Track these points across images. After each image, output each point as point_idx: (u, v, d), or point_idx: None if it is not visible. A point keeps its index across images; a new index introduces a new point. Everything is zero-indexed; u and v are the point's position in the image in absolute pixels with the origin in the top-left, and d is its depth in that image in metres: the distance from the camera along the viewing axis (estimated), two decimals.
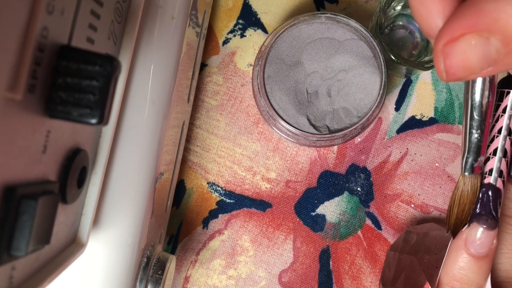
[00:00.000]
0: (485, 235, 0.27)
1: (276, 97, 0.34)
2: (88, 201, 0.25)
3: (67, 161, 0.21)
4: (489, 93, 0.25)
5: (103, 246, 0.28)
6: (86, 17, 0.20)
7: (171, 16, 0.29)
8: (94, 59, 0.18)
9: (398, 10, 0.39)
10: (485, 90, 0.25)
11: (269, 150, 0.40)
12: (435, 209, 0.39)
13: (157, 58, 0.29)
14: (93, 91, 0.18)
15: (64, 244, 0.23)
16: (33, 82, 0.16)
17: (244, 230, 0.40)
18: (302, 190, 0.40)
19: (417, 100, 0.40)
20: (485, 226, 0.27)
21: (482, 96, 0.25)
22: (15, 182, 0.16)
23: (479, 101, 0.25)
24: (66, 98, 0.18)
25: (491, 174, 0.28)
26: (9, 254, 0.16)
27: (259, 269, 0.39)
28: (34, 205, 0.16)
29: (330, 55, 0.34)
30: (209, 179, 0.40)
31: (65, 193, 0.21)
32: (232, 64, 0.41)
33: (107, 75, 0.18)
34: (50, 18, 0.17)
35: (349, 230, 0.39)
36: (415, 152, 0.39)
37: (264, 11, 0.41)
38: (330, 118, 0.34)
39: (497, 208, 0.27)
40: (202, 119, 0.40)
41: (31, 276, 0.19)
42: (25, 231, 0.16)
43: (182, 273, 0.40)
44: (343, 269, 0.39)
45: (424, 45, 0.39)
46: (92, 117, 0.18)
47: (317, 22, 0.35)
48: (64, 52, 0.18)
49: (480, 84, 0.25)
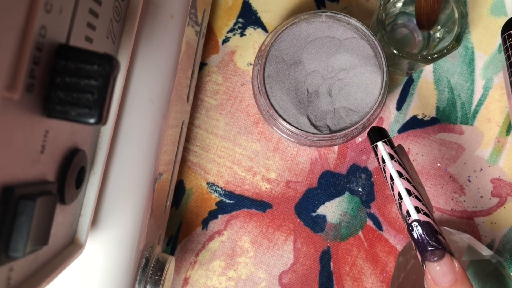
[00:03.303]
0: (442, 265, 0.27)
1: (276, 97, 0.34)
2: (87, 202, 0.24)
3: (65, 161, 0.21)
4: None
5: (101, 247, 0.27)
6: (84, 16, 0.20)
7: (170, 14, 0.29)
8: (93, 58, 0.18)
9: (399, 7, 0.38)
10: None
11: (269, 150, 0.40)
12: (437, 210, 0.39)
13: (156, 57, 0.29)
14: (92, 90, 0.17)
15: (62, 245, 0.23)
16: (31, 82, 0.16)
17: (244, 231, 0.39)
18: (303, 190, 0.40)
19: (419, 99, 0.40)
20: (435, 259, 0.27)
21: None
22: (13, 183, 0.16)
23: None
24: (65, 98, 0.17)
25: (410, 215, 0.28)
26: (7, 255, 0.16)
27: (259, 270, 0.39)
28: (32, 205, 0.16)
29: (331, 54, 0.34)
30: (208, 179, 0.40)
31: (63, 194, 0.21)
32: (232, 63, 0.40)
33: (106, 74, 0.18)
34: (48, 17, 0.17)
35: (350, 231, 0.39)
36: (416, 152, 0.39)
37: (264, 10, 0.41)
38: (331, 118, 0.34)
39: (436, 237, 0.27)
40: (202, 118, 0.40)
41: (29, 278, 0.19)
42: (23, 232, 0.16)
43: (181, 274, 0.39)
44: (344, 270, 0.39)
45: (425, 43, 0.39)
46: (90, 117, 0.18)
47: (318, 21, 0.34)
48: (62, 51, 0.18)
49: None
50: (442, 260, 0.27)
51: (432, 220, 0.28)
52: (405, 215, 0.29)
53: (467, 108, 0.39)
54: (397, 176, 0.29)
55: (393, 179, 0.29)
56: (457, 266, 0.27)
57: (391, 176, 0.29)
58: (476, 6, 0.40)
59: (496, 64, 0.40)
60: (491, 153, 0.39)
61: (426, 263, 0.28)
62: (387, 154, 0.30)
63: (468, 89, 0.40)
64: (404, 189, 0.29)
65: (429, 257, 0.27)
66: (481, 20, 0.40)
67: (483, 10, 0.40)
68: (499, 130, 0.39)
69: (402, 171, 0.29)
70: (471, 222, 0.39)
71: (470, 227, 0.39)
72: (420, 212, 0.28)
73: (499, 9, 0.40)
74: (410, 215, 0.28)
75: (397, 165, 0.29)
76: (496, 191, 0.39)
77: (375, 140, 0.30)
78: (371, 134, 0.30)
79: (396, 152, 0.30)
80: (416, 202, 0.28)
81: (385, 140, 0.30)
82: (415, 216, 0.28)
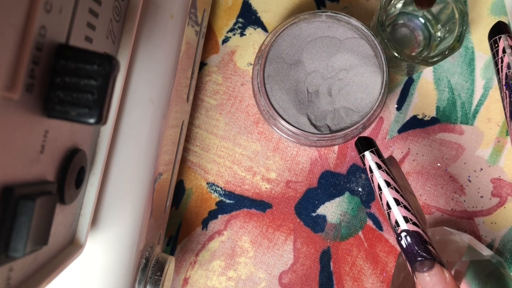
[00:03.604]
0: (432, 276, 0.27)
1: (276, 97, 0.34)
2: (86, 202, 0.24)
3: (65, 161, 0.21)
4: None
5: (101, 247, 0.27)
6: (84, 16, 0.20)
7: (170, 14, 0.29)
8: (93, 58, 0.18)
9: (399, 8, 0.38)
10: None
11: (269, 150, 0.40)
12: (437, 210, 0.39)
13: (156, 57, 0.29)
14: (92, 90, 0.17)
15: (62, 245, 0.23)
16: (31, 82, 0.16)
17: (244, 231, 0.39)
18: (303, 190, 0.39)
19: (419, 99, 0.40)
20: (425, 269, 0.27)
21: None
22: (13, 183, 0.16)
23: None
24: (64, 98, 0.17)
25: (398, 225, 0.28)
26: (7, 255, 0.16)
27: (259, 270, 0.39)
28: (32, 205, 0.16)
29: (331, 54, 0.34)
30: (208, 179, 0.40)
31: (63, 194, 0.21)
32: (231, 63, 0.40)
33: (106, 74, 0.18)
34: (48, 17, 0.17)
35: (350, 231, 0.39)
36: (416, 152, 0.39)
37: (264, 10, 0.41)
38: (331, 118, 0.34)
39: (425, 247, 0.27)
40: (202, 118, 0.40)
41: (29, 278, 0.19)
42: (23, 232, 0.16)
43: (181, 274, 0.39)
44: (344, 270, 0.39)
45: (426, 43, 0.39)
46: (90, 117, 0.18)
47: (318, 21, 0.34)
48: (62, 51, 0.18)
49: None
50: (432, 270, 0.27)
51: (422, 230, 0.28)
52: (393, 225, 0.28)
53: (467, 108, 0.39)
54: (385, 186, 0.29)
55: (381, 188, 0.29)
56: (448, 277, 0.27)
57: (379, 185, 0.29)
58: (476, 6, 0.40)
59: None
60: (491, 153, 0.39)
61: (416, 274, 0.27)
62: (374, 163, 0.29)
63: (468, 89, 0.40)
64: (392, 199, 0.28)
65: (418, 268, 0.27)
66: (481, 20, 0.40)
67: (483, 10, 0.40)
68: (499, 130, 0.39)
69: (390, 181, 0.29)
70: (471, 222, 0.39)
71: (470, 227, 0.39)
72: (409, 222, 0.28)
73: (500, 9, 0.40)
74: (399, 225, 0.28)
75: (384, 175, 0.29)
76: (496, 191, 0.39)
77: (363, 150, 0.30)
78: (358, 144, 0.30)
79: (383, 162, 0.29)
80: (404, 212, 0.28)
81: (372, 150, 0.30)
82: (403, 226, 0.28)
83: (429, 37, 0.39)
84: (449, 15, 0.36)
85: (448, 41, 0.35)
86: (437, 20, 0.37)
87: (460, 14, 0.34)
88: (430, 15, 0.38)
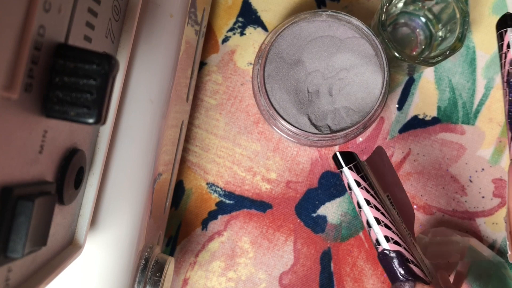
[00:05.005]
0: None
1: (276, 96, 0.34)
2: (86, 202, 0.24)
3: (64, 162, 0.21)
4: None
5: (100, 248, 0.27)
6: (83, 15, 0.20)
7: (169, 14, 0.29)
8: (92, 58, 0.17)
9: (400, 7, 0.38)
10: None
11: (269, 150, 0.40)
12: (438, 210, 0.39)
13: (156, 57, 0.28)
14: (91, 90, 0.17)
15: (61, 246, 0.23)
16: (29, 81, 0.16)
17: (244, 232, 0.39)
18: (303, 190, 0.39)
19: (420, 99, 0.40)
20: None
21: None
22: (12, 183, 0.16)
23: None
24: (63, 98, 0.17)
25: (379, 243, 0.28)
26: (5, 256, 0.16)
27: (259, 271, 0.39)
28: (31, 206, 0.16)
29: (331, 53, 0.34)
30: (208, 179, 0.40)
31: (62, 194, 0.21)
32: (231, 63, 0.40)
33: (105, 74, 0.18)
34: (47, 16, 0.17)
35: (350, 231, 0.39)
36: (417, 152, 0.39)
37: (264, 9, 0.41)
38: (332, 118, 0.34)
39: (406, 266, 0.27)
40: (201, 118, 0.40)
41: (28, 278, 0.19)
42: (22, 232, 0.16)
43: (181, 275, 0.39)
44: (344, 271, 0.39)
45: (427, 42, 0.39)
46: (89, 117, 0.17)
47: (318, 20, 0.34)
48: (61, 50, 0.18)
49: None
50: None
51: (404, 248, 0.27)
52: (374, 243, 0.28)
53: (468, 108, 0.39)
54: (364, 204, 0.28)
55: (360, 207, 0.28)
56: None
57: (358, 203, 0.28)
58: (478, 5, 0.40)
59: (497, 64, 0.40)
60: (493, 153, 0.39)
61: None
62: (353, 181, 0.28)
63: (470, 88, 0.39)
64: (372, 218, 0.28)
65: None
66: (483, 19, 0.40)
67: (485, 9, 0.40)
68: (501, 130, 0.39)
69: (369, 199, 0.28)
70: (473, 222, 0.39)
71: (472, 227, 0.39)
72: (390, 241, 0.27)
73: (501, 8, 0.40)
74: (380, 244, 0.28)
75: (364, 193, 0.28)
76: (498, 192, 0.39)
77: (340, 165, 0.29)
78: (336, 159, 0.29)
79: (364, 177, 0.28)
80: (385, 231, 0.27)
81: (351, 166, 0.28)
82: (385, 246, 0.27)
83: (430, 36, 0.38)
84: (450, 15, 0.35)
85: (449, 41, 0.35)
86: (438, 20, 0.37)
87: (461, 14, 0.34)
88: (431, 15, 0.38)
